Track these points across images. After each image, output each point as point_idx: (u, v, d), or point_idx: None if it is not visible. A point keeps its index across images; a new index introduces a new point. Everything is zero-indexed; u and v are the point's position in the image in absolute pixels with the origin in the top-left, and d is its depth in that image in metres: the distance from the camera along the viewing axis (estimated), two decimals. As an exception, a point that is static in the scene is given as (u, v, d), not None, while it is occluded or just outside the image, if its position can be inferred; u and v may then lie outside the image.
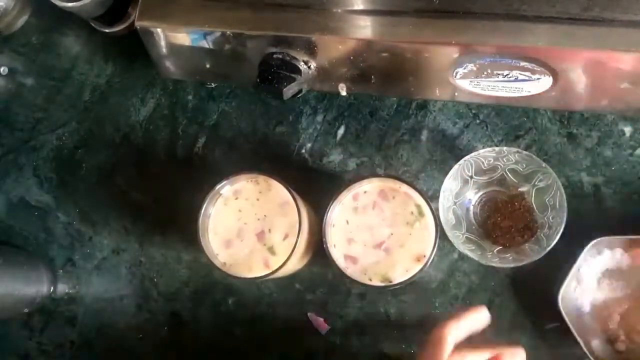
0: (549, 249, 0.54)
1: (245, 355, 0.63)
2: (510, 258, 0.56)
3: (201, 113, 0.67)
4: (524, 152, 0.56)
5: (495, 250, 0.58)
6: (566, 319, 0.54)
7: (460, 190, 0.59)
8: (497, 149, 0.56)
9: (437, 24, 0.50)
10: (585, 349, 0.54)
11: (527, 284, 0.59)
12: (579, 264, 0.55)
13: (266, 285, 0.63)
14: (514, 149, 0.56)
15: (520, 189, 0.59)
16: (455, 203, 0.59)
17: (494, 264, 0.56)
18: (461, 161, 0.56)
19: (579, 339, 0.54)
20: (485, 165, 0.58)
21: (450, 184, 0.57)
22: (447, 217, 0.57)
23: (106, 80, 0.70)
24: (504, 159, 0.57)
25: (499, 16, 0.49)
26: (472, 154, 0.56)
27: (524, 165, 0.57)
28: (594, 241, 0.54)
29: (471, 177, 0.59)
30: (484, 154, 0.56)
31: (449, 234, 0.56)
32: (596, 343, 0.56)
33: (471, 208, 0.60)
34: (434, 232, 0.53)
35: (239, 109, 0.67)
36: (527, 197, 0.58)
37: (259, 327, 0.63)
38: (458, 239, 0.57)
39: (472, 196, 0.60)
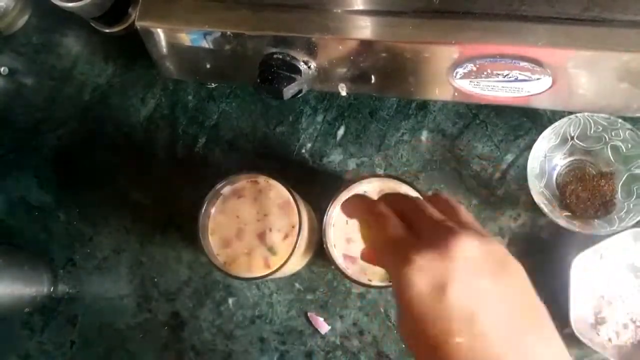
0: (619, 230, 0.54)
1: (246, 356, 0.63)
2: (577, 224, 0.56)
3: (201, 113, 0.67)
4: (638, 131, 0.54)
5: (562, 215, 0.57)
6: (570, 283, 0.55)
7: (555, 146, 0.58)
8: (612, 118, 0.54)
9: (437, 24, 0.50)
10: (590, 346, 0.55)
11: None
12: (612, 240, 0.56)
13: (266, 285, 0.63)
14: (629, 125, 0.54)
15: (612, 169, 0.58)
16: (545, 156, 0.58)
17: (560, 223, 0.55)
18: (572, 116, 0.55)
19: (580, 337, 0.55)
20: (592, 131, 0.56)
21: (550, 134, 0.56)
22: (533, 165, 0.56)
23: (106, 80, 0.70)
24: (612, 132, 0.56)
25: (499, 16, 0.49)
26: (586, 113, 0.55)
27: (629, 146, 0.56)
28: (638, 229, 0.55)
29: (572, 137, 0.57)
30: (597, 119, 0.55)
31: (529, 180, 0.56)
32: (580, 318, 0.57)
33: (557, 168, 0.60)
34: (433, 232, 0.53)
35: (239, 109, 0.67)
36: (616, 179, 0.58)
37: (259, 327, 0.63)
38: (535, 188, 0.56)
39: (563, 158, 0.59)
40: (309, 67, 0.54)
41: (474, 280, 0.34)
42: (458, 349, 0.33)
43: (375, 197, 0.54)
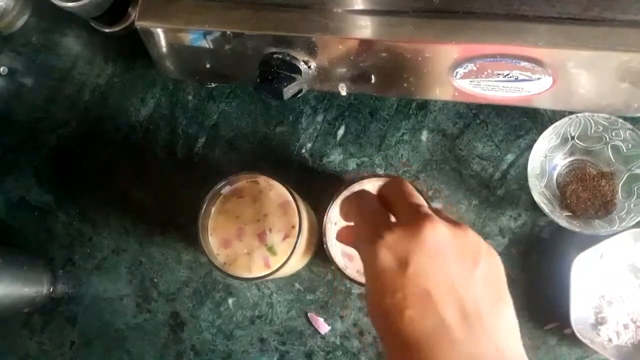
0: (619, 230, 0.54)
1: (245, 356, 0.63)
2: (577, 224, 0.56)
3: (201, 113, 0.67)
4: (638, 131, 0.54)
5: (563, 215, 0.57)
6: (571, 283, 0.55)
7: (556, 146, 0.58)
8: (612, 118, 0.54)
9: (437, 24, 0.50)
10: (590, 346, 0.54)
11: (527, 284, 0.59)
12: (613, 241, 0.56)
13: (266, 285, 0.63)
14: (629, 125, 0.54)
15: (613, 169, 0.58)
16: (545, 156, 0.58)
17: (561, 223, 0.55)
18: (572, 116, 0.55)
19: (580, 337, 0.55)
20: (592, 131, 0.56)
21: (550, 134, 0.56)
22: (533, 165, 0.57)
23: (106, 80, 0.70)
24: (613, 132, 0.56)
25: (499, 16, 0.49)
26: (586, 113, 0.55)
27: (630, 146, 0.56)
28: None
29: (573, 137, 0.58)
30: (597, 119, 0.55)
31: (530, 180, 0.56)
32: (581, 318, 0.57)
33: (558, 168, 0.60)
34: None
35: (239, 109, 0.67)
36: (617, 179, 0.58)
37: (259, 327, 0.63)
38: (535, 188, 0.56)
39: (564, 158, 0.59)
40: (309, 67, 0.54)
41: (437, 263, 0.36)
42: (409, 320, 0.35)
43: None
